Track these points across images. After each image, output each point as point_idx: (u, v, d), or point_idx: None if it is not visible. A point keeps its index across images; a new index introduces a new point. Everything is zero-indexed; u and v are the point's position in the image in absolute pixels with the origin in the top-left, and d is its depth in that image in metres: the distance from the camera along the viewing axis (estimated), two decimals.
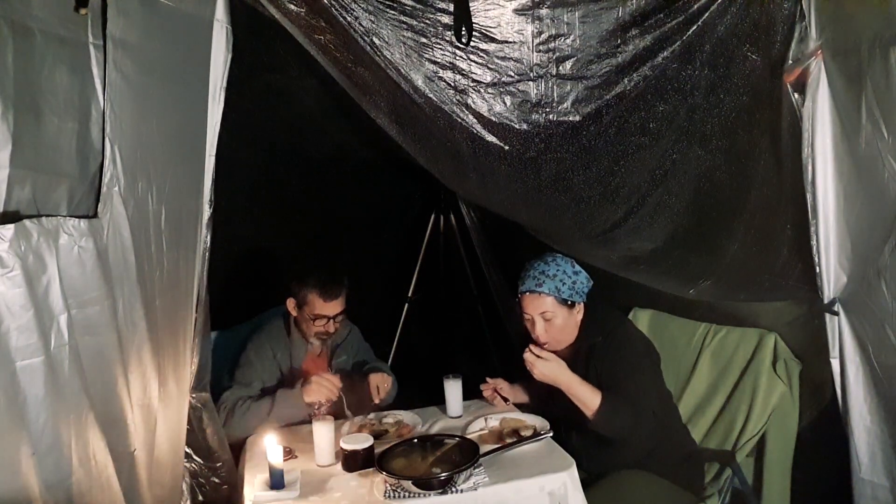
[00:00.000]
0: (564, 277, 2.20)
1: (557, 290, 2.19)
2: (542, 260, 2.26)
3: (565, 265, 2.23)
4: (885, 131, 1.70)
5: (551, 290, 2.19)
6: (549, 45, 1.92)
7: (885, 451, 1.93)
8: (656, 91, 2.01)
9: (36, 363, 1.31)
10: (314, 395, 2.26)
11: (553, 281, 2.19)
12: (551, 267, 2.22)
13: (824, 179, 1.92)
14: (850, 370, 1.98)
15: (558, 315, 2.21)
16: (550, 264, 2.23)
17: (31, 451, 1.31)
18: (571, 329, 2.26)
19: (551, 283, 2.19)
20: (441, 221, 4.12)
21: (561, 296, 2.19)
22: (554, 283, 2.19)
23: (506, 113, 2.05)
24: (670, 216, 2.40)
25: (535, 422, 2.23)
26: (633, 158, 2.22)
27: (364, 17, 1.79)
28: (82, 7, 1.40)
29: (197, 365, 1.96)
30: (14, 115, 1.30)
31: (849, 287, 1.95)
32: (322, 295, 2.43)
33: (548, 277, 2.20)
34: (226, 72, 1.81)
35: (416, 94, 1.96)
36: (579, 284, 2.22)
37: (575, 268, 2.24)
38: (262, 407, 2.29)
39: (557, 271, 2.21)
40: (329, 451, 2.04)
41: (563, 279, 2.20)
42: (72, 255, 1.39)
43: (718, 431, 2.44)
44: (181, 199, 1.77)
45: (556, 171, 2.27)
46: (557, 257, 2.26)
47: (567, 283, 2.20)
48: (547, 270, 2.22)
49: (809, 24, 1.85)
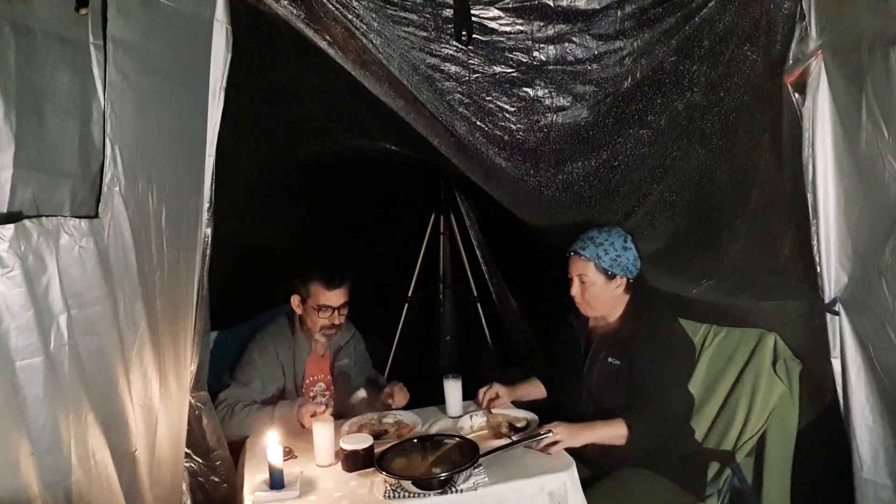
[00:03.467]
0: (610, 248, 2.22)
1: (598, 257, 2.22)
2: (597, 228, 2.29)
3: (616, 238, 2.25)
4: (885, 131, 1.70)
5: (592, 256, 2.22)
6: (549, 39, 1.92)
7: (887, 451, 1.94)
8: (656, 87, 2.02)
9: (35, 363, 1.31)
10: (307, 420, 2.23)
11: (597, 248, 2.22)
12: (602, 235, 2.25)
13: (825, 179, 1.92)
14: (852, 370, 1.98)
15: (596, 282, 2.24)
16: (602, 233, 2.26)
17: (30, 450, 1.31)
18: (608, 300, 2.28)
19: (594, 250, 2.22)
20: (441, 221, 4.12)
21: (601, 264, 2.21)
22: (598, 250, 2.22)
23: (507, 107, 2.05)
24: (671, 215, 2.40)
25: (524, 415, 2.26)
26: (633, 154, 2.22)
27: (365, 14, 1.79)
28: (83, 7, 1.40)
29: (196, 364, 1.96)
30: (17, 115, 1.31)
31: (850, 287, 1.95)
32: (325, 284, 2.45)
33: (593, 244, 2.23)
34: (226, 71, 1.81)
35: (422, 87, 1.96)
36: (624, 260, 2.23)
37: (626, 243, 2.25)
38: (261, 420, 2.29)
39: (605, 241, 2.24)
40: (329, 452, 2.04)
41: (608, 249, 2.22)
42: (72, 255, 1.39)
43: (718, 431, 2.44)
44: (181, 199, 1.77)
45: (556, 166, 2.27)
46: (613, 229, 2.28)
47: (611, 253, 2.22)
48: (596, 238, 2.25)
49: (810, 24, 1.85)
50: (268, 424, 2.24)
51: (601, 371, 2.28)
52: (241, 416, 2.30)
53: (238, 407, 2.32)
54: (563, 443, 2.04)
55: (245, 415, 2.31)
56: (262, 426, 2.25)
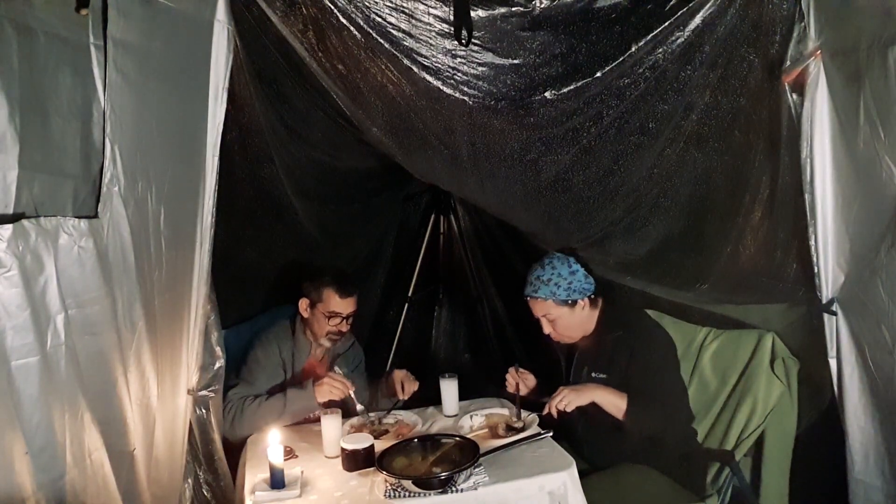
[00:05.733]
0: (560, 280, 2.24)
1: (553, 293, 2.24)
2: (539, 264, 2.31)
3: (561, 267, 2.27)
4: (882, 132, 1.70)
5: (547, 295, 2.24)
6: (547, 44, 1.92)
7: (877, 452, 1.94)
8: (655, 90, 2.01)
9: (31, 363, 1.32)
10: (326, 396, 2.29)
11: (548, 286, 2.24)
12: (546, 271, 2.27)
13: (822, 180, 1.92)
14: (847, 370, 1.98)
15: (561, 315, 2.27)
16: (546, 268, 2.27)
17: (24, 449, 1.31)
18: (580, 323, 2.30)
19: (546, 288, 2.24)
20: (441, 221, 4.12)
21: (558, 298, 2.24)
22: (549, 287, 2.24)
23: (505, 113, 2.05)
24: (668, 217, 2.40)
25: (521, 415, 2.26)
26: (631, 157, 2.22)
27: (364, 20, 1.79)
28: (83, 8, 1.41)
29: (201, 363, 1.96)
30: (21, 116, 1.31)
31: (846, 287, 1.95)
32: (339, 291, 2.46)
33: (542, 283, 2.25)
34: (227, 72, 1.81)
35: (415, 97, 1.96)
36: (576, 283, 2.25)
37: (572, 267, 2.27)
38: (274, 404, 2.30)
39: (553, 275, 2.25)
40: (337, 443, 2.06)
41: (559, 282, 2.24)
42: (71, 255, 1.39)
43: (717, 431, 2.44)
44: (181, 199, 1.77)
45: (555, 171, 2.28)
46: (554, 259, 2.29)
47: (563, 284, 2.24)
48: (542, 276, 2.27)
49: (808, 25, 1.85)
50: (281, 408, 2.27)
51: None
52: (253, 407, 2.30)
53: (248, 402, 2.32)
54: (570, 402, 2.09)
55: (256, 406, 2.30)
56: (275, 411, 2.27)
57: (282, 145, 2.45)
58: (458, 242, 4.10)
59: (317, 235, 3.08)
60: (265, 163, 2.44)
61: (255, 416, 2.28)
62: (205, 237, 1.88)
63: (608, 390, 2.17)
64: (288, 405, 2.29)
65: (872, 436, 1.94)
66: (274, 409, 2.29)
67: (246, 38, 1.89)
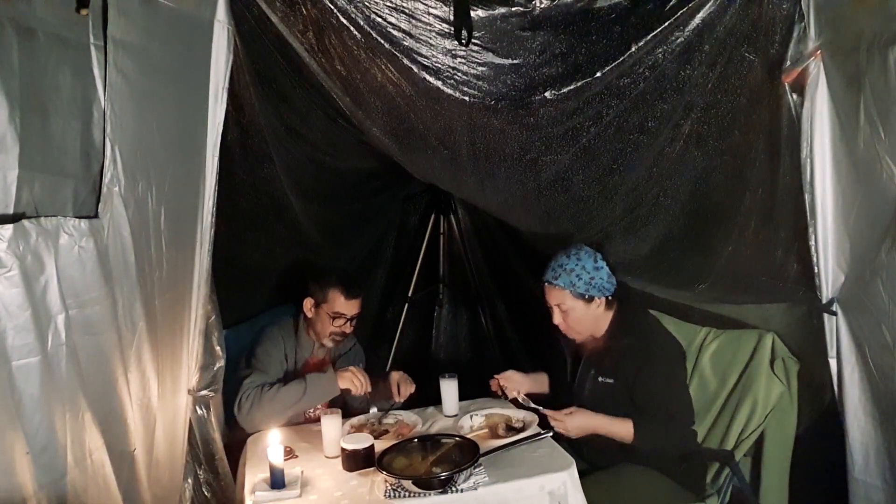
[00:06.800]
0: (582, 272, 2.19)
1: (573, 284, 2.19)
2: (564, 252, 2.26)
3: (587, 260, 2.22)
4: (882, 132, 1.70)
5: (566, 285, 2.20)
6: (547, 44, 1.92)
7: (878, 452, 1.94)
8: (655, 90, 2.01)
9: (32, 363, 1.32)
10: (347, 384, 2.33)
11: (569, 276, 2.19)
12: (571, 261, 2.22)
13: (823, 180, 1.92)
14: (847, 370, 1.98)
15: (575, 308, 2.22)
16: (571, 257, 2.22)
17: (25, 450, 1.31)
18: (592, 321, 2.27)
19: (567, 278, 2.20)
20: (441, 221, 4.12)
21: (576, 290, 2.19)
22: (570, 277, 2.19)
23: (505, 113, 2.05)
24: (667, 217, 2.40)
25: (521, 415, 2.26)
26: (630, 157, 2.22)
27: (364, 20, 1.80)
28: (83, 8, 1.40)
29: (201, 363, 1.96)
30: (21, 116, 1.31)
31: (847, 287, 1.95)
32: (345, 293, 2.46)
33: (564, 271, 2.20)
34: (227, 72, 1.81)
35: (415, 97, 1.97)
36: (598, 280, 2.21)
37: (597, 263, 2.22)
38: (294, 389, 2.29)
39: (576, 266, 2.20)
40: (337, 443, 2.06)
41: (581, 274, 2.19)
42: (72, 255, 1.39)
43: (717, 431, 2.44)
44: (181, 200, 1.77)
45: (555, 171, 2.28)
46: (581, 250, 2.24)
47: (584, 278, 2.19)
48: (566, 264, 2.21)
49: (808, 25, 1.85)
50: (301, 392, 2.28)
51: (593, 390, 2.28)
52: (271, 394, 2.28)
53: (265, 388, 2.30)
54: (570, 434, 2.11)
55: (275, 391, 2.29)
56: (294, 395, 2.28)
57: (282, 145, 2.45)
58: (459, 242, 4.10)
59: (317, 235, 3.07)
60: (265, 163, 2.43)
61: (274, 401, 2.27)
62: (205, 237, 1.88)
63: (611, 422, 2.15)
64: (308, 389, 2.29)
65: (872, 436, 1.94)
66: (294, 394, 2.28)
67: (246, 38, 1.89)
